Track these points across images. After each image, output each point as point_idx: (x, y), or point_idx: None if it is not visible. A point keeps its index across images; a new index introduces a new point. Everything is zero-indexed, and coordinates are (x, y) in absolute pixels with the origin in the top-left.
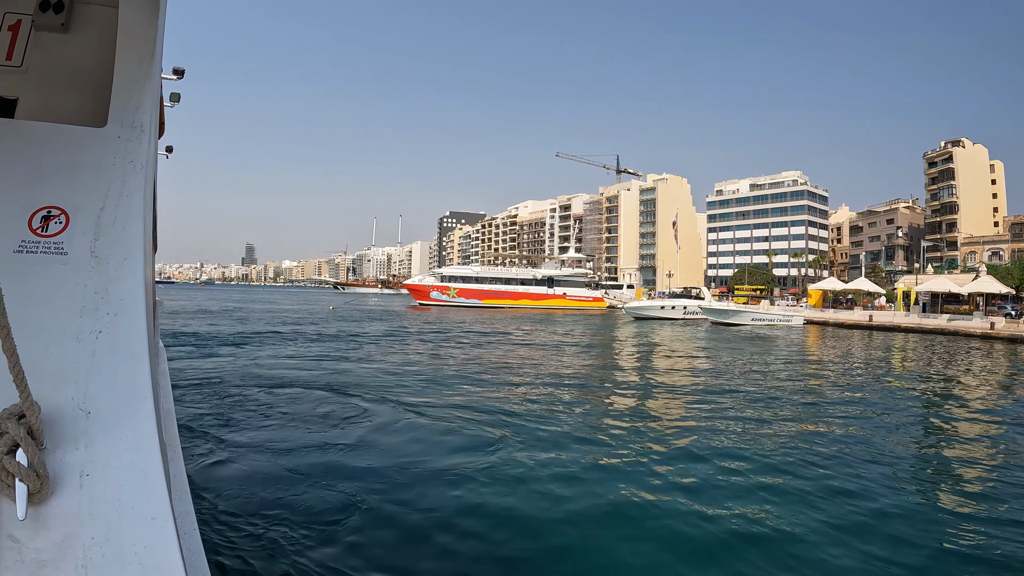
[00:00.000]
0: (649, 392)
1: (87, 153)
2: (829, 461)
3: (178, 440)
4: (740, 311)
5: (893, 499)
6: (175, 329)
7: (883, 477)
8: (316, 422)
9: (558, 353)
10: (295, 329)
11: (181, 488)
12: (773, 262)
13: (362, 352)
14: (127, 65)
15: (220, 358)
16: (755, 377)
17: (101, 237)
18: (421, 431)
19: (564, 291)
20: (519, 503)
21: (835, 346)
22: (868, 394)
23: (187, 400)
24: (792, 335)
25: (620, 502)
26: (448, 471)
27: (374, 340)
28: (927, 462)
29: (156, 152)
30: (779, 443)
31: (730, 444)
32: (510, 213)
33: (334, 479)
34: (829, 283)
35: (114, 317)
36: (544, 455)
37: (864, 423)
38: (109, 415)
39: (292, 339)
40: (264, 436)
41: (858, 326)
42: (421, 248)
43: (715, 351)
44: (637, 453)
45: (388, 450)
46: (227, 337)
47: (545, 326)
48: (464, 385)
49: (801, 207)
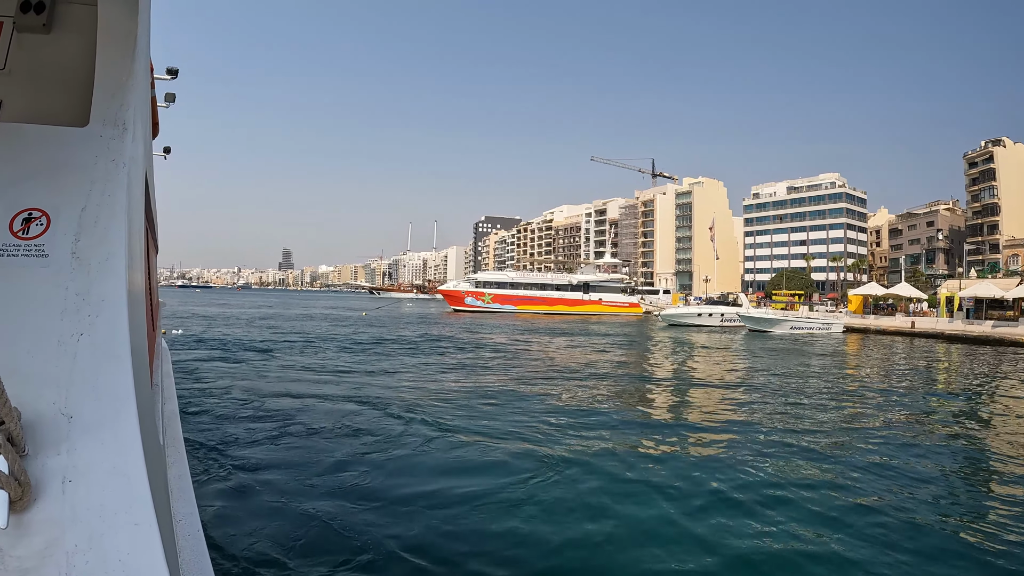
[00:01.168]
0: (689, 413)
1: (69, 153)
2: (885, 519)
3: (182, 442)
4: (778, 318)
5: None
6: (206, 335)
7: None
8: (343, 439)
9: (594, 365)
10: (325, 335)
11: (185, 490)
12: (811, 266)
13: (394, 361)
14: (108, 62)
15: (244, 364)
16: (793, 401)
17: (83, 238)
18: (462, 450)
19: (600, 297)
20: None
21: (878, 356)
22: (913, 421)
23: (207, 408)
24: (832, 343)
25: (662, 526)
26: (492, 497)
27: (406, 348)
28: (968, 502)
29: (147, 152)
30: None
31: (775, 482)
32: (545, 218)
33: (365, 505)
34: (870, 288)
35: (95, 319)
36: (595, 483)
37: (910, 458)
38: (91, 419)
39: (321, 346)
40: (284, 456)
41: (900, 332)
42: (457, 253)
43: (754, 364)
44: (681, 478)
45: (427, 472)
46: (256, 343)
47: (580, 333)
48: (501, 398)
49: (839, 210)
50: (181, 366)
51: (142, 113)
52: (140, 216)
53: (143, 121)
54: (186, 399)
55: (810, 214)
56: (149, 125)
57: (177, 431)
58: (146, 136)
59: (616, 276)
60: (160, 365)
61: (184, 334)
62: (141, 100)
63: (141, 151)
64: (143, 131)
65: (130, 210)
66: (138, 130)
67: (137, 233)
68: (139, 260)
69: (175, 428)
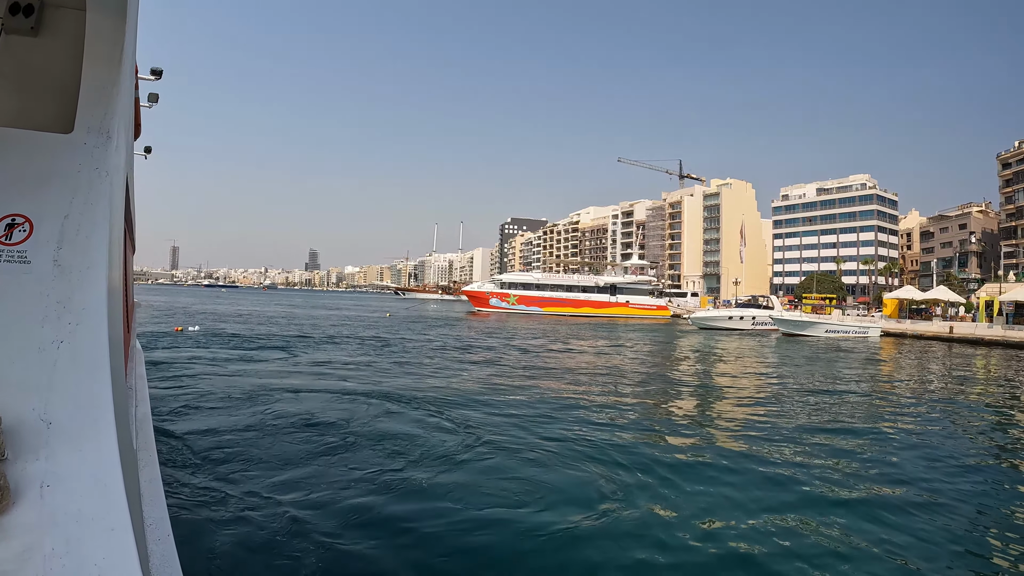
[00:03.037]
0: (728, 426)
1: (53, 160)
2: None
3: (154, 446)
4: (813, 322)
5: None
6: (233, 330)
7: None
8: (367, 450)
9: (625, 370)
10: (350, 335)
11: (156, 494)
12: (841, 270)
13: (418, 364)
14: (95, 70)
15: (261, 364)
16: (843, 411)
17: (65, 246)
18: (501, 470)
19: (627, 299)
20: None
21: (924, 365)
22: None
23: (219, 409)
24: (870, 349)
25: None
26: (548, 529)
27: (432, 349)
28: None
29: (129, 158)
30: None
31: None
32: (572, 219)
33: (393, 530)
34: (906, 292)
35: (76, 327)
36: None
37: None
38: (70, 426)
39: (344, 344)
40: (302, 472)
41: (938, 338)
42: (482, 255)
43: (790, 370)
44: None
45: (466, 493)
46: (278, 340)
47: (608, 337)
48: (532, 405)
49: (870, 212)
50: (185, 365)
51: (126, 119)
52: (120, 223)
53: (127, 127)
54: (181, 399)
55: (840, 216)
56: (132, 129)
57: (149, 434)
58: (129, 141)
59: (643, 278)
60: (134, 367)
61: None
62: (125, 106)
63: (123, 158)
64: (126, 137)
65: (112, 219)
66: (121, 137)
67: (117, 240)
68: (118, 266)
69: (147, 431)
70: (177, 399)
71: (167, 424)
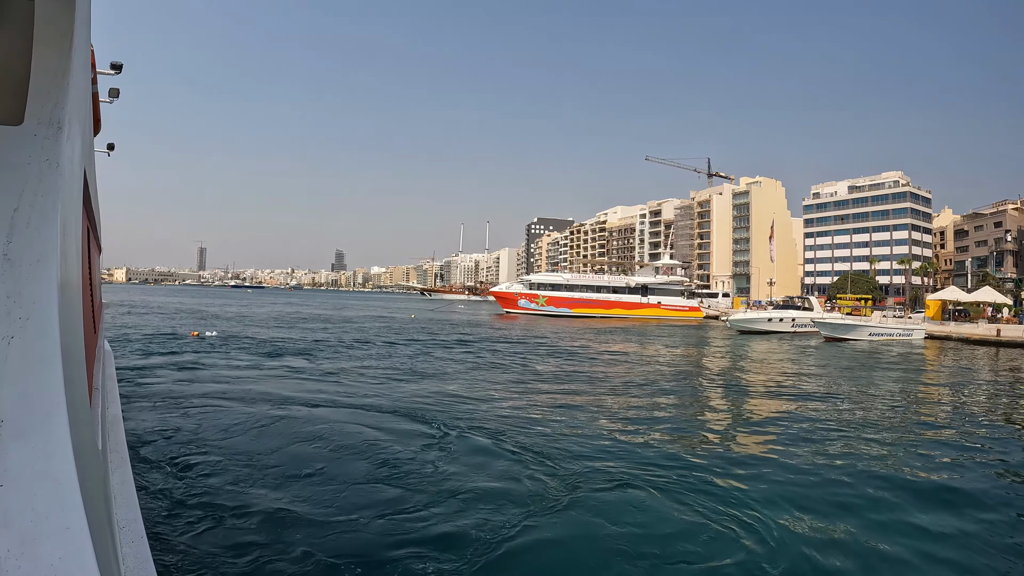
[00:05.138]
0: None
1: (2, 152)
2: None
3: (125, 447)
4: (856, 324)
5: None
6: (256, 334)
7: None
8: (451, 499)
9: (675, 381)
10: (375, 339)
11: (128, 496)
12: (875, 269)
13: (452, 379)
14: (45, 60)
15: (275, 371)
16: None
17: (15, 239)
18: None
19: (659, 300)
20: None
21: (994, 372)
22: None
23: (230, 418)
24: (915, 353)
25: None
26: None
27: (463, 362)
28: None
29: (86, 150)
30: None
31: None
32: (599, 219)
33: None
34: (950, 292)
35: (26, 321)
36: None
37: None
38: (21, 423)
39: (367, 348)
40: (322, 492)
41: (985, 342)
42: (509, 255)
43: (851, 380)
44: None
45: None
46: (297, 345)
47: (643, 340)
48: (590, 427)
49: (903, 210)
50: (190, 370)
51: (80, 111)
52: (76, 217)
53: (81, 119)
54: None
55: (873, 214)
56: (89, 123)
57: (120, 436)
58: (85, 135)
59: (675, 279)
60: (102, 368)
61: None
62: (79, 98)
63: (78, 151)
64: (81, 129)
65: (64, 212)
66: (75, 129)
67: (72, 234)
68: (75, 261)
69: (118, 433)
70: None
71: (180, 452)
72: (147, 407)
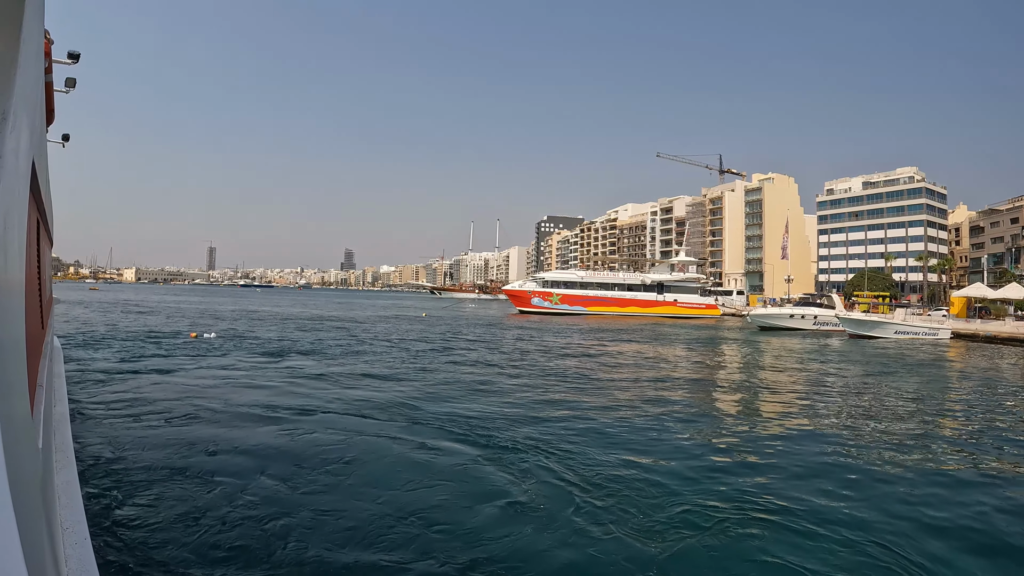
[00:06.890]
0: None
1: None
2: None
3: (71, 446)
4: (881, 322)
5: None
6: (258, 334)
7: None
8: (488, 506)
9: (705, 387)
10: (382, 340)
11: (73, 497)
12: (891, 266)
13: (472, 381)
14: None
15: (276, 375)
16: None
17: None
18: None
19: (675, 298)
20: None
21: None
22: None
23: (235, 420)
24: (942, 352)
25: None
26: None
27: (485, 362)
28: None
29: (36, 141)
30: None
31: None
32: (609, 217)
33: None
34: (976, 289)
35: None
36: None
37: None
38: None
39: (375, 349)
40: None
41: (1013, 339)
42: (519, 253)
43: (892, 385)
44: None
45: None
46: (302, 344)
47: (662, 339)
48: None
49: (919, 206)
50: (189, 368)
51: (28, 101)
52: (21, 209)
53: (29, 109)
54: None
55: (888, 211)
56: (41, 113)
57: (67, 436)
58: (34, 125)
59: (691, 276)
60: (49, 365)
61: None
62: (28, 87)
63: (24, 142)
64: (28, 120)
65: (7, 204)
66: (21, 119)
67: (15, 227)
68: (17, 255)
69: (64, 432)
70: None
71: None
72: (104, 412)
